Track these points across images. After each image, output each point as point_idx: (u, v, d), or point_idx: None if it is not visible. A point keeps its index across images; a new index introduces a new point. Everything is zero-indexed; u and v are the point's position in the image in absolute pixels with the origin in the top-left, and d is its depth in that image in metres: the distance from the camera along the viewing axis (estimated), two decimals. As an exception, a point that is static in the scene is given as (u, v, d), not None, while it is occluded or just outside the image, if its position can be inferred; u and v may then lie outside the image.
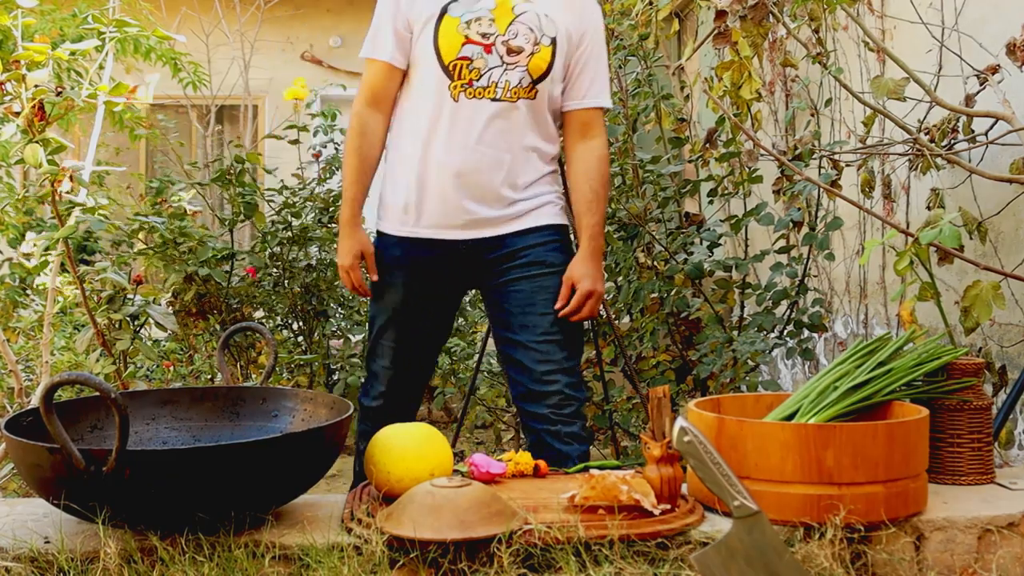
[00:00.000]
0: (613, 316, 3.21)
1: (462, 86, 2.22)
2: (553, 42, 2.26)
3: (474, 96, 2.22)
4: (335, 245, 4.15)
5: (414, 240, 2.25)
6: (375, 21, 2.35)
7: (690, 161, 3.48)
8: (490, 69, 2.22)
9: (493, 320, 2.33)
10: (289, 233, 3.74)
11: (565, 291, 2.19)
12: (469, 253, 2.24)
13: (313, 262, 3.85)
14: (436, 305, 2.31)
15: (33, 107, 2.45)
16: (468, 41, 2.22)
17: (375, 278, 2.28)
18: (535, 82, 2.25)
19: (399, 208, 2.29)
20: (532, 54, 2.24)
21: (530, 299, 2.22)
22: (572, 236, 2.41)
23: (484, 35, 2.22)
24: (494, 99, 2.22)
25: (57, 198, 2.60)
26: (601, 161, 2.31)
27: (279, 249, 3.75)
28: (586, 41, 2.33)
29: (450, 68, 2.22)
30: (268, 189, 3.71)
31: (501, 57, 2.23)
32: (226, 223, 3.51)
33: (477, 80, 2.22)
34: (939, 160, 2.57)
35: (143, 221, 3.09)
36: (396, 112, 2.36)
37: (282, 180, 4.27)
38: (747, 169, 3.24)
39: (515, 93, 2.23)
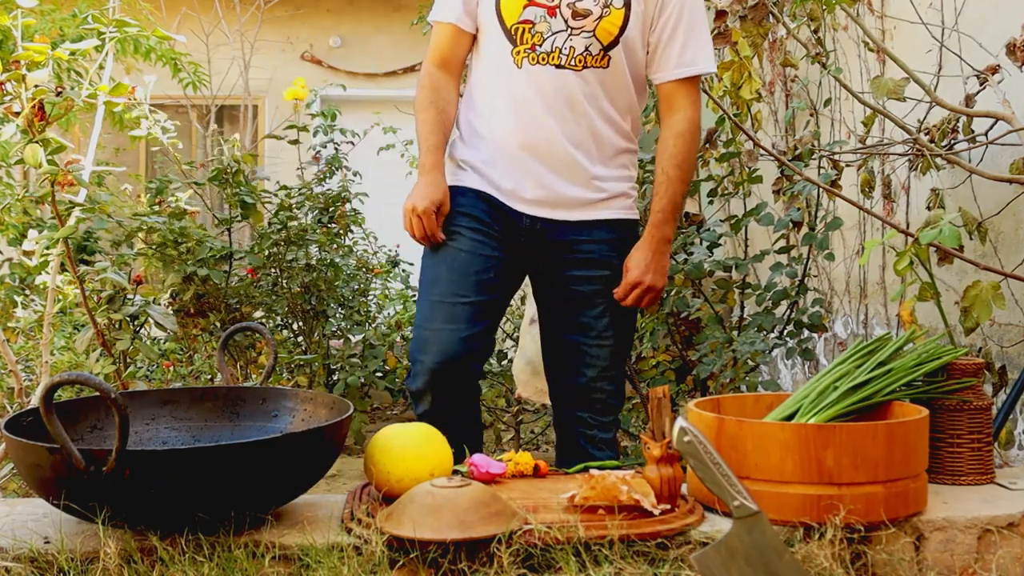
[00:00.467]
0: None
1: (525, 51, 2.07)
2: (627, 3, 2.07)
3: (537, 62, 2.07)
4: (335, 245, 4.15)
5: (487, 197, 2.10)
6: None
7: (690, 161, 3.47)
8: (553, 34, 2.06)
9: (545, 311, 2.19)
10: (285, 233, 3.74)
11: (622, 291, 2.06)
12: (531, 234, 2.10)
13: (313, 262, 3.85)
14: (497, 267, 2.08)
15: (33, 107, 2.45)
16: (531, 3, 2.06)
17: (441, 237, 2.07)
18: (606, 48, 2.07)
19: (471, 167, 2.15)
20: (600, 17, 2.06)
21: (588, 300, 2.09)
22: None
23: None
24: (558, 66, 2.06)
25: (58, 193, 2.59)
26: (678, 138, 2.14)
27: (276, 249, 3.75)
28: (670, 4, 2.11)
29: (512, 32, 2.07)
30: (264, 191, 3.72)
31: (566, 21, 2.06)
32: (223, 223, 3.51)
33: (540, 45, 2.06)
34: (939, 160, 2.57)
35: (142, 221, 3.09)
36: (468, 82, 2.23)
37: (277, 181, 4.28)
38: (747, 169, 3.24)
39: (580, 60, 2.07)
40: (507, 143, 2.10)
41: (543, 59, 2.07)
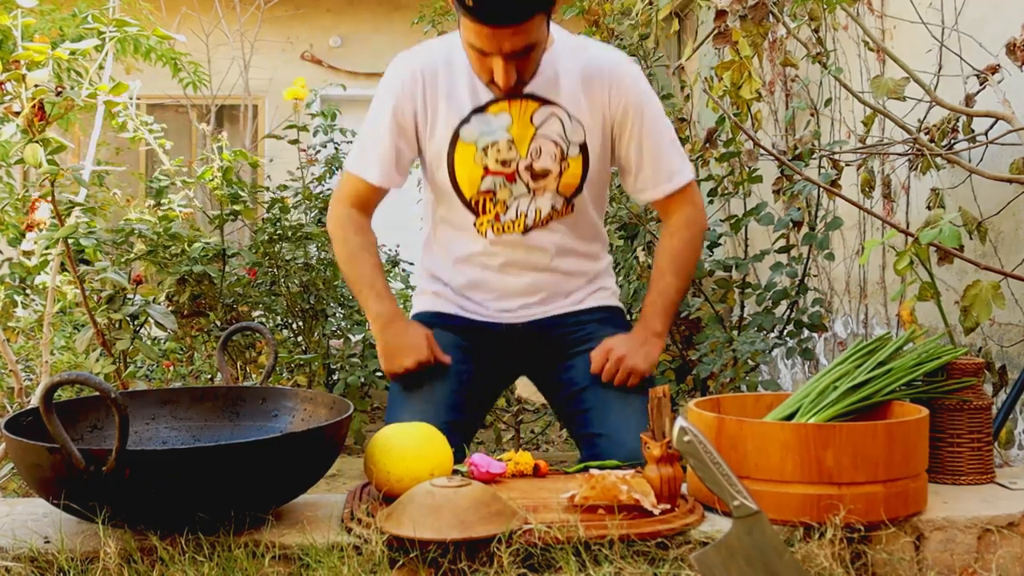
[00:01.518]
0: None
1: (489, 222, 1.99)
2: (583, 149, 1.97)
3: (503, 231, 1.99)
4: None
5: (462, 320, 2.05)
6: (366, 130, 2.06)
7: (690, 160, 3.48)
8: (516, 199, 1.98)
9: (555, 402, 2.11)
10: (280, 229, 3.73)
11: (598, 354, 1.96)
12: (514, 335, 2.05)
13: (312, 261, 3.85)
14: (470, 383, 2.00)
15: (33, 107, 2.45)
16: (488, 172, 1.96)
17: (448, 359, 1.96)
18: (569, 199, 2.00)
19: (435, 295, 2.09)
20: (561, 173, 1.97)
21: (587, 373, 1.98)
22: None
23: (504, 162, 1.96)
24: (525, 231, 1.99)
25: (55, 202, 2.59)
26: (673, 236, 2.05)
27: (273, 247, 3.74)
28: (629, 121, 1.99)
29: (473, 204, 1.99)
30: (256, 187, 3.71)
31: (527, 184, 1.97)
32: (215, 221, 3.50)
33: (504, 213, 1.98)
34: (939, 160, 2.57)
35: (129, 228, 3.09)
36: (425, 232, 2.14)
37: (269, 177, 4.27)
38: (747, 169, 3.24)
39: (548, 217, 2.00)
40: (476, 294, 2.06)
41: (509, 227, 2.00)
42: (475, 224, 2.00)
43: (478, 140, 1.95)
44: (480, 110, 1.96)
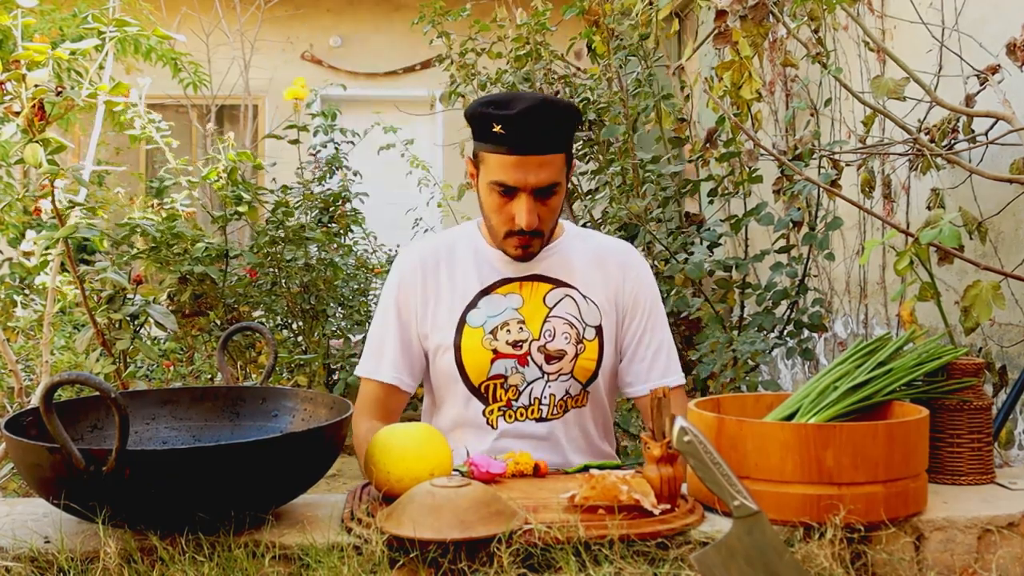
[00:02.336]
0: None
1: (500, 409, 1.89)
2: (599, 332, 1.91)
3: (515, 419, 1.89)
4: (334, 244, 4.16)
5: None
6: (374, 330, 1.98)
7: (690, 161, 3.48)
8: (529, 384, 1.88)
9: None
10: (282, 232, 3.74)
11: None
12: None
13: (312, 261, 3.85)
14: None
15: (33, 107, 2.45)
16: (498, 356, 1.87)
17: None
18: (585, 386, 1.92)
19: None
20: (576, 356, 1.89)
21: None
22: None
23: (515, 344, 1.87)
24: (539, 419, 1.89)
25: (54, 202, 2.59)
26: None
27: (275, 248, 3.75)
28: (640, 311, 1.95)
29: (482, 391, 1.88)
30: (260, 188, 3.72)
31: (540, 367, 1.88)
32: (218, 221, 3.51)
33: (516, 400, 1.88)
34: (939, 160, 2.57)
35: (134, 225, 3.09)
36: (428, 415, 2.03)
37: (274, 179, 4.28)
38: (747, 169, 3.24)
39: (562, 406, 1.90)
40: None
41: (521, 415, 1.89)
42: (484, 413, 1.89)
43: (486, 323, 1.88)
44: (487, 292, 1.91)
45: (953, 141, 2.55)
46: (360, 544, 1.32)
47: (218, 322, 3.51)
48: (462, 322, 1.89)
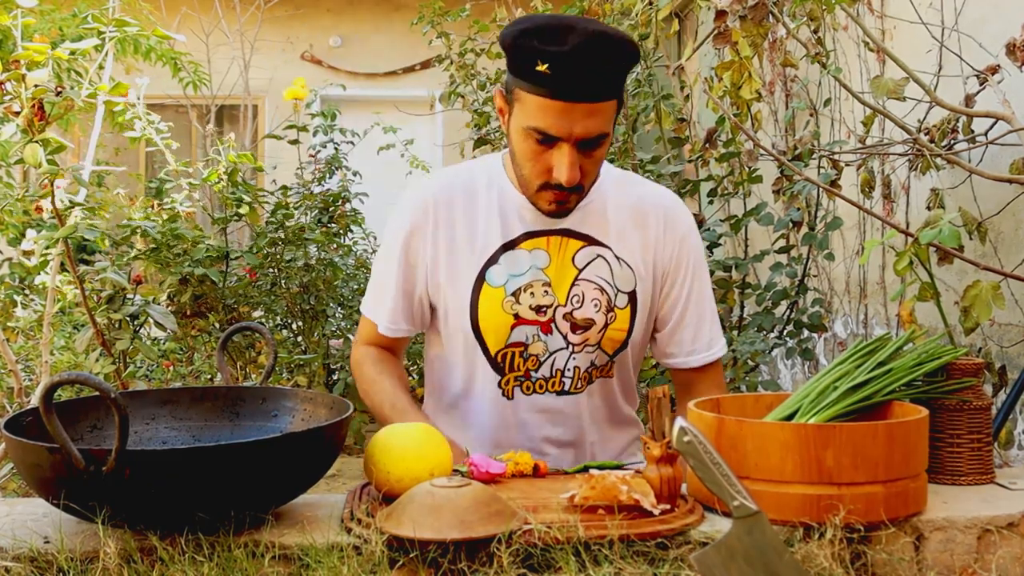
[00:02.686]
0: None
1: (516, 379, 1.71)
2: (631, 299, 1.71)
3: (533, 391, 1.72)
4: (334, 245, 4.16)
5: None
6: (377, 268, 1.82)
7: (690, 161, 3.48)
8: (551, 354, 1.70)
9: None
10: (282, 233, 3.74)
11: None
12: None
13: (312, 261, 3.85)
14: None
15: (33, 107, 2.45)
16: (519, 321, 1.68)
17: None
18: (612, 356, 1.74)
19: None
20: (606, 326, 1.70)
21: None
22: None
23: (539, 308, 1.67)
24: (560, 392, 1.72)
25: (54, 202, 2.59)
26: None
27: (275, 249, 3.75)
28: (681, 276, 1.75)
29: (499, 360, 1.70)
30: (261, 190, 3.72)
31: (564, 336, 1.69)
32: (218, 222, 3.51)
33: (536, 370, 1.70)
34: (939, 160, 2.57)
35: (135, 226, 3.09)
36: (431, 385, 1.86)
37: (274, 180, 4.28)
38: (747, 169, 3.25)
39: (587, 378, 1.73)
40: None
41: (540, 387, 1.71)
42: (500, 384, 1.72)
43: (508, 283, 1.67)
44: (510, 246, 1.69)
45: (953, 141, 2.55)
46: (360, 544, 1.32)
47: (218, 323, 3.51)
48: (480, 280, 1.69)
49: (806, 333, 3.29)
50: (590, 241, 1.71)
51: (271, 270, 3.79)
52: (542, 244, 1.70)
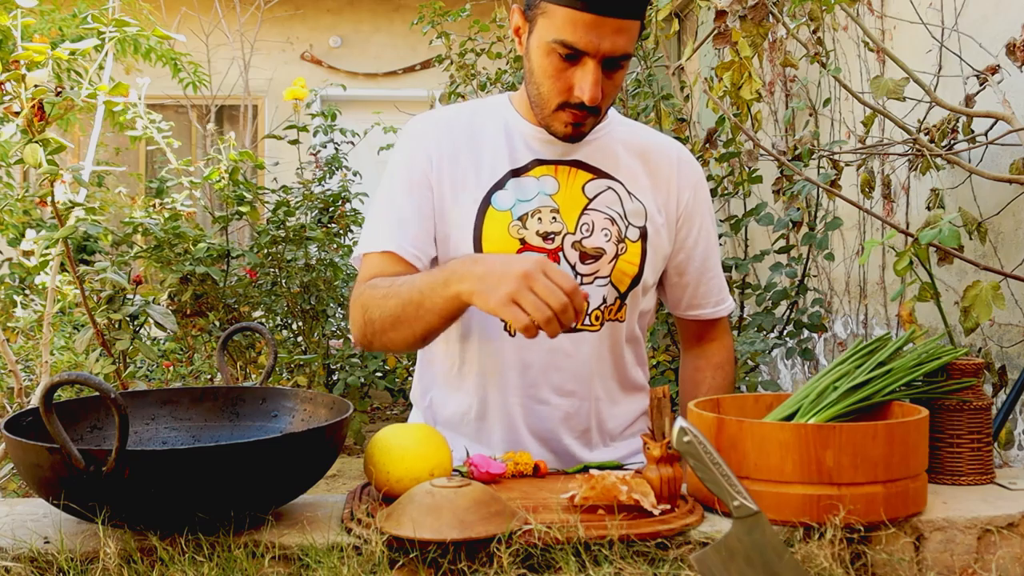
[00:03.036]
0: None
1: None
2: (643, 234, 1.66)
3: (540, 328, 1.50)
4: (334, 245, 4.16)
5: None
6: (376, 204, 1.67)
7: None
8: None
9: None
10: (282, 232, 3.74)
11: None
12: None
13: (312, 261, 3.85)
14: None
15: (33, 107, 2.45)
16: (525, 247, 1.59)
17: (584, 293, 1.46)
18: (622, 296, 1.66)
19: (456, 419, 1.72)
20: (616, 256, 1.63)
21: None
22: None
23: (546, 235, 1.60)
24: (570, 329, 1.54)
25: (55, 202, 2.59)
26: (718, 369, 1.78)
27: (275, 248, 3.75)
28: (697, 224, 1.72)
29: None
30: (260, 188, 3.73)
31: (573, 266, 1.61)
32: (219, 221, 3.51)
33: None
34: (939, 160, 2.57)
35: (137, 224, 3.09)
36: (421, 355, 1.77)
37: (275, 179, 4.28)
38: (747, 169, 3.25)
39: (597, 316, 1.64)
40: (500, 425, 1.68)
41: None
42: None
43: (514, 208, 1.61)
44: (518, 173, 1.63)
45: (953, 141, 2.55)
46: (360, 544, 1.32)
47: (218, 322, 3.51)
48: (486, 203, 1.61)
49: (806, 333, 3.29)
50: (600, 174, 1.66)
51: (272, 270, 3.79)
52: (551, 172, 1.64)
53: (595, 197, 1.64)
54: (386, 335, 1.57)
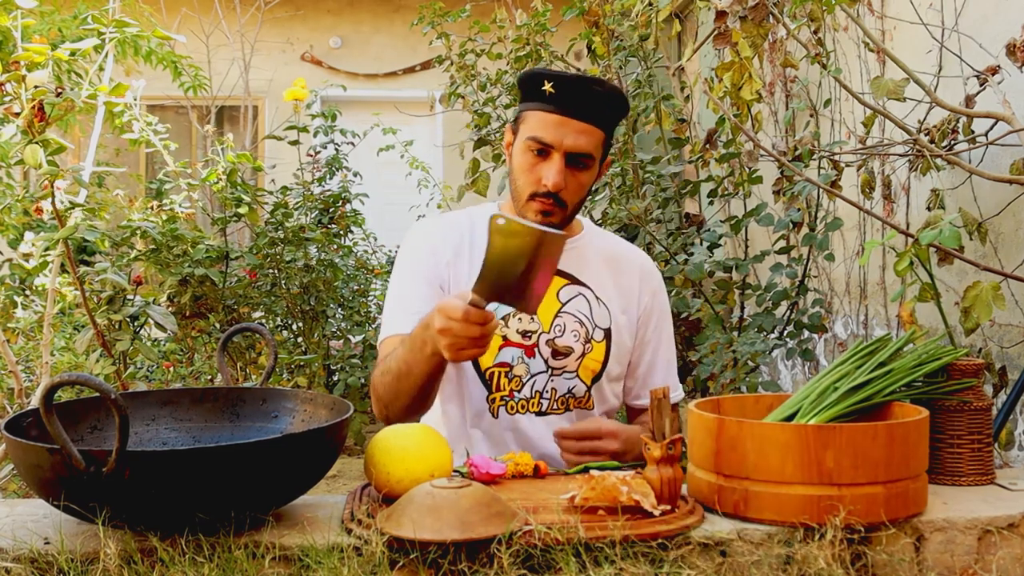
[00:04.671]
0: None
1: (502, 399, 1.87)
2: (607, 335, 1.91)
3: (516, 411, 1.87)
4: (334, 245, 4.16)
5: None
6: (392, 295, 1.92)
7: (690, 162, 3.48)
8: (533, 376, 1.87)
9: None
10: (281, 233, 3.74)
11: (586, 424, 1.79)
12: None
13: (312, 262, 3.85)
14: None
15: (33, 108, 2.45)
16: (507, 343, 1.86)
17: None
18: (590, 387, 1.91)
19: None
20: (583, 355, 1.89)
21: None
22: None
23: (525, 333, 1.86)
24: (539, 412, 1.88)
25: (54, 203, 2.59)
26: None
27: (275, 249, 3.75)
28: (653, 323, 1.97)
29: (487, 377, 1.86)
30: (260, 190, 3.72)
31: (546, 361, 1.87)
32: (218, 222, 3.51)
33: (519, 391, 1.87)
34: (939, 161, 2.57)
35: (135, 227, 3.09)
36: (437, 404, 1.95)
37: (273, 180, 4.28)
38: (747, 170, 3.25)
39: (564, 402, 1.89)
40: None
41: (523, 407, 1.87)
42: (487, 400, 1.87)
43: (498, 309, 1.77)
44: None
45: (953, 142, 2.55)
46: (360, 545, 1.32)
47: (218, 324, 3.51)
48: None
49: (806, 334, 3.29)
50: (573, 280, 1.91)
51: (271, 271, 3.79)
52: None
53: (568, 302, 1.90)
54: (394, 405, 1.81)
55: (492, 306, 1.79)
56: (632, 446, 1.80)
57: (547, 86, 1.78)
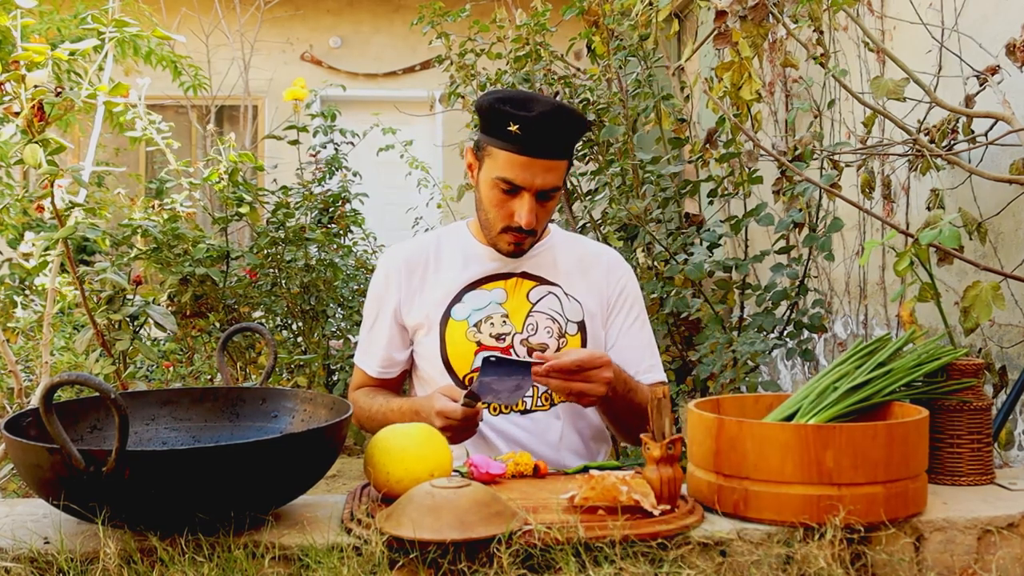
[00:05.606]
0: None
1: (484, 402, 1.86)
2: (581, 327, 1.96)
3: (499, 412, 1.92)
4: (334, 245, 4.16)
5: None
6: (364, 326, 2.06)
7: (690, 162, 3.48)
8: None
9: None
10: (282, 233, 3.74)
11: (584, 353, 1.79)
12: None
13: (312, 262, 3.85)
14: None
15: (32, 107, 2.45)
16: (481, 348, 1.91)
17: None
18: None
19: None
20: (559, 350, 1.91)
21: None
22: None
23: (498, 336, 1.92)
24: (524, 411, 1.93)
25: (54, 203, 2.59)
26: None
27: (275, 249, 3.75)
28: (625, 304, 2.01)
29: (466, 383, 1.91)
30: (261, 189, 3.72)
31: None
32: (219, 222, 3.51)
33: None
34: (939, 161, 2.57)
35: (135, 225, 3.09)
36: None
37: (275, 180, 4.28)
38: (747, 170, 3.24)
39: (547, 398, 1.93)
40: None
41: (506, 407, 1.92)
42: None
43: (470, 316, 1.93)
44: (472, 287, 1.96)
45: (953, 142, 2.55)
46: (360, 545, 1.32)
47: (218, 323, 3.51)
48: (446, 316, 1.94)
49: (806, 334, 3.29)
50: (543, 282, 1.98)
51: (271, 270, 3.79)
52: (501, 284, 1.96)
53: (538, 301, 1.96)
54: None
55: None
56: (620, 382, 1.84)
57: (513, 127, 1.81)
